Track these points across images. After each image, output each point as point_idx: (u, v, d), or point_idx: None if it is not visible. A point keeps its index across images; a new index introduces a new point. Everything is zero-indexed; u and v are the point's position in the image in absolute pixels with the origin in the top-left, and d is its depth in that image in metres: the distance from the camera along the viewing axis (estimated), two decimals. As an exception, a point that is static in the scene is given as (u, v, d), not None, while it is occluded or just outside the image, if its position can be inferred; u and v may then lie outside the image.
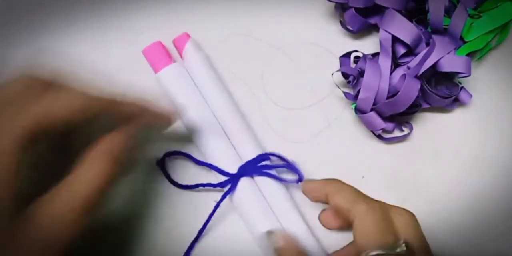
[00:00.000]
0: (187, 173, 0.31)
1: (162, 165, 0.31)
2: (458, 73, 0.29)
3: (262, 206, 0.30)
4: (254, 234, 0.30)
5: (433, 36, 0.29)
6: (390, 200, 0.31)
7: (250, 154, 0.30)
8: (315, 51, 0.33)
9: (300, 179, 0.30)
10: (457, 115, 0.32)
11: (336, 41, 0.33)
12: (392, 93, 0.29)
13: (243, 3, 0.34)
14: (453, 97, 0.30)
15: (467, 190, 0.31)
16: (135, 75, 0.32)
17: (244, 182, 0.30)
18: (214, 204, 0.30)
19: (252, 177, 0.30)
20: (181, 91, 0.31)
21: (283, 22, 0.33)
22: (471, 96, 0.31)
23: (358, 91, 0.29)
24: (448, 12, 0.29)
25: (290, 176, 0.31)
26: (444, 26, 0.29)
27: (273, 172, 0.30)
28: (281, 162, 0.31)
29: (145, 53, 0.31)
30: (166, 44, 0.32)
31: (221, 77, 0.32)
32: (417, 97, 0.28)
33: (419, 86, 0.28)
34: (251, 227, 0.30)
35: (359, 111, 0.30)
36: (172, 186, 0.31)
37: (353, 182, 0.31)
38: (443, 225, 0.31)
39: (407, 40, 0.29)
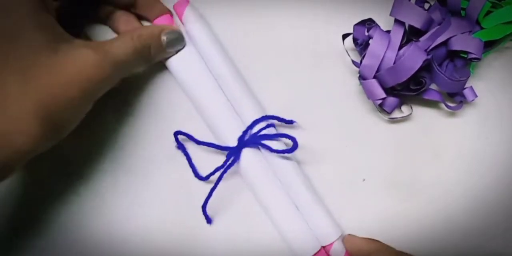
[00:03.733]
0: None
1: (183, 148, 0.31)
2: (471, 59, 0.29)
3: (267, 176, 0.30)
4: (262, 205, 0.30)
5: (451, 18, 0.29)
6: (390, 200, 0.31)
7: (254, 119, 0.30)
8: (316, 50, 0.33)
9: (294, 148, 0.29)
10: (457, 115, 0.32)
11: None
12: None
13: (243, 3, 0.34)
14: (461, 81, 0.29)
15: (467, 190, 0.31)
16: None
17: (247, 153, 0.30)
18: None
19: (258, 148, 0.30)
20: (182, 56, 0.31)
21: (282, 21, 0.33)
22: (476, 95, 0.30)
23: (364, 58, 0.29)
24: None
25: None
26: (462, 8, 0.29)
27: (274, 143, 0.30)
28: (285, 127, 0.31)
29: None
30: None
31: (221, 40, 0.32)
32: (422, 71, 0.28)
33: (424, 57, 0.28)
34: (258, 199, 0.30)
35: (362, 77, 0.30)
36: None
37: (353, 183, 0.31)
38: (443, 225, 0.31)
39: (418, 25, 0.29)
